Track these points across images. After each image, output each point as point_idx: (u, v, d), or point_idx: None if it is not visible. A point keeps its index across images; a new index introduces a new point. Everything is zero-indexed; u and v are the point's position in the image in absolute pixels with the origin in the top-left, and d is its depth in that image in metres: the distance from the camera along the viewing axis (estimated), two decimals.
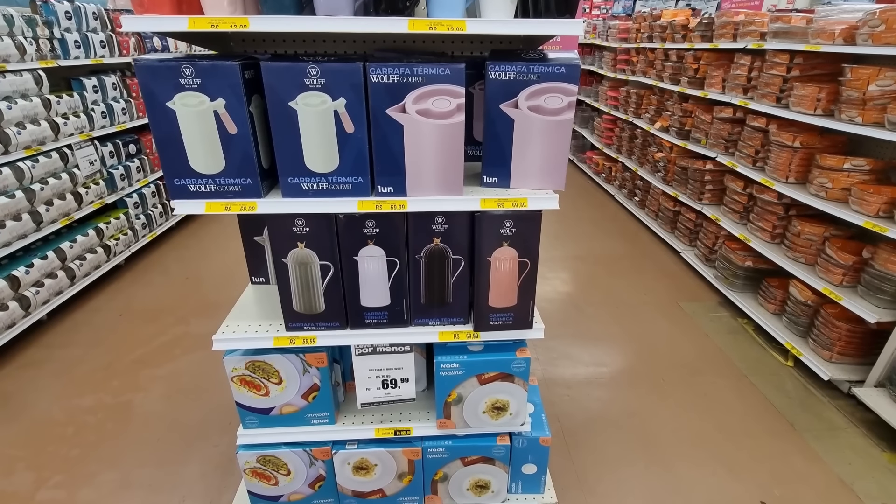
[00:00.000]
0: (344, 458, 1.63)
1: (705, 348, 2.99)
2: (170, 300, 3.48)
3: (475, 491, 1.75)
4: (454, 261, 1.37)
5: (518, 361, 1.50)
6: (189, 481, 2.05)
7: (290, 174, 1.21)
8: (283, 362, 1.49)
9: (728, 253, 3.49)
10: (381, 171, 1.23)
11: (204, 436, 2.28)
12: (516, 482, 1.79)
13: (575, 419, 2.40)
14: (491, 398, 1.55)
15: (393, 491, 1.72)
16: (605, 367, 2.80)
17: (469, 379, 1.51)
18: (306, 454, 1.63)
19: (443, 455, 1.66)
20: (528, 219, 1.31)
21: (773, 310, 3.11)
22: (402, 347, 1.49)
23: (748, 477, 2.09)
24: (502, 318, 1.43)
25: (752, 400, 2.55)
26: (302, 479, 1.67)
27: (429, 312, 1.45)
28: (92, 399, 2.52)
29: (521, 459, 1.73)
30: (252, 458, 1.63)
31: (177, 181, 1.19)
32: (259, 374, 1.51)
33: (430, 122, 1.17)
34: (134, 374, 2.70)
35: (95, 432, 2.31)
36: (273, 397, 1.54)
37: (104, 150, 3.74)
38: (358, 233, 1.31)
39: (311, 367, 1.50)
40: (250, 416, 1.58)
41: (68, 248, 3.29)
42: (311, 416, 1.59)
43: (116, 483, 2.05)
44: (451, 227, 1.32)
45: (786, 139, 2.94)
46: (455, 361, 1.48)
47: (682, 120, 4.19)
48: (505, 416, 1.59)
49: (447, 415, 1.58)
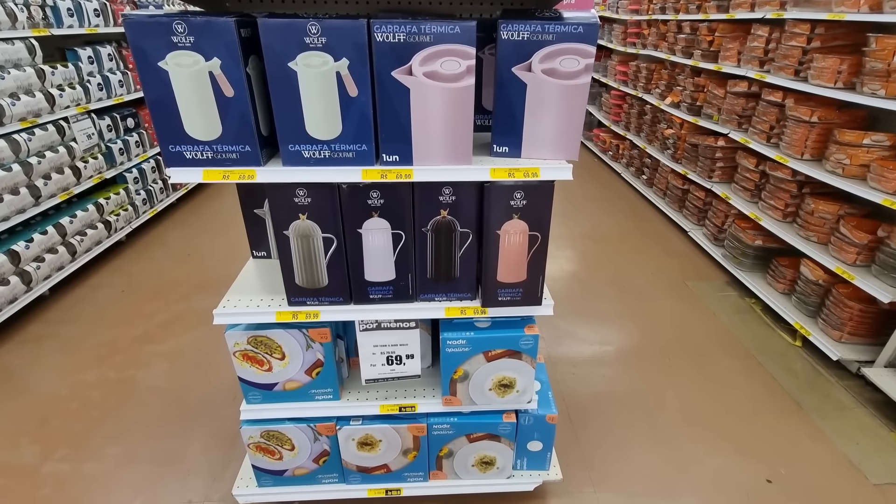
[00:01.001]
0: (348, 433, 1.62)
1: (712, 328, 2.95)
2: (172, 276, 3.46)
3: (480, 467, 1.74)
4: (462, 234, 1.32)
5: (526, 338, 1.47)
6: (193, 455, 2.05)
7: (291, 141, 1.15)
8: (285, 337, 1.46)
9: (738, 232, 3.42)
10: (387, 138, 1.17)
11: (207, 411, 2.27)
12: (521, 459, 1.78)
13: (580, 397, 2.38)
14: (498, 375, 1.52)
15: (398, 466, 1.71)
16: (610, 345, 2.78)
17: (476, 356, 1.48)
18: (310, 430, 1.61)
19: (448, 432, 1.64)
20: (539, 190, 1.25)
21: (782, 289, 3.07)
22: (408, 323, 1.45)
23: (754, 456, 2.08)
24: (511, 294, 1.39)
25: (759, 379, 2.53)
26: (306, 454, 1.66)
27: (435, 288, 1.40)
28: (95, 374, 2.52)
29: (526, 436, 1.71)
30: (256, 434, 1.61)
31: (172, 148, 1.13)
32: (261, 349, 1.48)
33: (438, 86, 1.10)
34: (137, 350, 2.69)
35: (99, 407, 2.31)
36: (276, 373, 1.52)
37: (102, 123, 3.66)
38: (362, 204, 1.25)
39: (314, 342, 1.47)
40: (253, 391, 1.56)
41: (68, 223, 3.25)
42: (314, 391, 1.57)
43: (121, 457, 2.05)
44: (459, 198, 1.27)
45: (803, 114, 2.84)
46: (461, 338, 1.44)
47: (693, 95, 4.06)
48: (511, 394, 1.57)
49: (453, 392, 1.55)
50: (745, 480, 1.97)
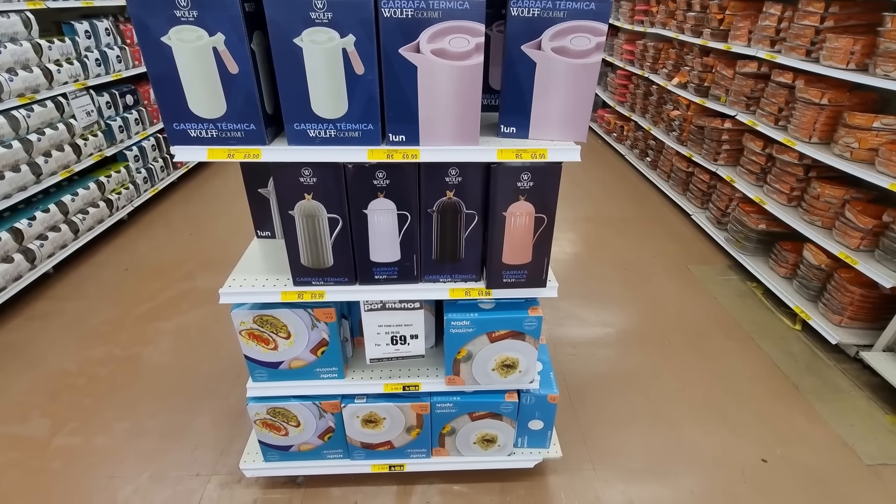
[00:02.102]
0: (353, 411, 1.65)
1: (713, 311, 2.97)
2: (175, 255, 3.46)
3: (482, 444, 1.77)
4: (467, 215, 1.32)
5: (530, 320, 1.48)
6: (200, 431, 2.09)
7: (296, 120, 1.14)
8: (291, 317, 1.47)
9: (741, 215, 3.41)
10: (393, 117, 1.15)
11: (213, 388, 2.31)
12: (522, 437, 1.81)
13: (581, 378, 2.41)
14: (501, 356, 1.54)
15: (401, 443, 1.75)
16: (611, 327, 2.80)
17: (479, 336, 1.49)
18: (315, 407, 1.64)
19: (451, 410, 1.67)
20: (546, 172, 1.24)
21: (784, 273, 3.07)
22: (412, 304, 1.46)
23: (751, 436, 2.12)
24: (515, 276, 1.39)
25: (758, 362, 2.55)
26: (311, 430, 1.70)
27: (440, 269, 1.41)
28: (102, 351, 2.55)
29: (528, 415, 1.74)
30: (262, 410, 1.64)
31: (176, 125, 1.12)
32: (267, 328, 1.49)
33: (446, 64, 1.08)
34: (142, 328, 2.72)
35: (107, 383, 2.35)
36: (282, 351, 1.54)
37: (101, 100, 3.61)
38: (367, 184, 1.25)
39: (319, 322, 1.48)
40: (259, 369, 1.58)
41: (70, 201, 3.24)
42: (319, 370, 1.59)
43: (129, 431, 2.09)
44: (465, 179, 1.26)
45: (813, 96, 2.80)
46: (465, 319, 1.45)
47: (701, 75, 3.99)
48: (514, 374, 1.59)
49: (456, 371, 1.57)
50: (741, 459, 2.01)
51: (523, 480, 1.89)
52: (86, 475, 1.90)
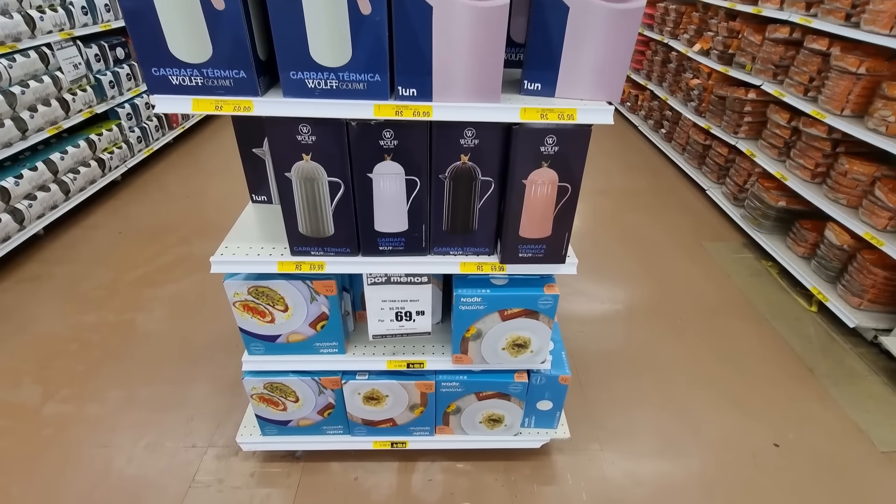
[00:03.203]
0: (354, 388, 1.57)
1: (726, 289, 2.87)
2: (170, 219, 3.34)
3: (488, 424, 1.71)
4: (483, 183, 1.19)
5: (545, 298, 1.37)
6: (196, 401, 2.03)
7: (292, 67, 1.00)
8: (288, 289, 1.37)
9: (760, 191, 3.26)
10: (404, 67, 1.01)
11: (210, 357, 2.24)
12: (530, 417, 1.74)
13: (589, 356, 2.34)
14: (512, 335, 1.45)
15: (404, 421, 1.68)
16: (621, 304, 2.71)
17: (490, 314, 1.39)
18: (315, 383, 1.56)
19: (457, 389, 1.59)
20: (574, 135, 1.11)
21: (802, 253, 2.96)
22: (419, 278, 1.35)
23: (763, 419, 2.06)
24: (533, 251, 1.28)
25: (772, 344, 2.47)
26: (311, 406, 1.62)
27: (450, 241, 1.29)
28: (94, 316, 2.47)
29: (537, 396, 1.67)
30: (259, 385, 1.56)
31: (155, 71, 0.98)
32: (263, 300, 1.39)
33: (466, 4, 0.94)
34: (136, 293, 2.63)
35: (100, 349, 2.27)
36: (279, 325, 1.44)
37: (89, 52, 3.41)
38: (373, 145, 1.12)
39: (318, 295, 1.38)
40: (255, 342, 1.49)
41: (59, 159, 3.09)
42: (319, 345, 1.50)
43: (123, 400, 2.03)
44: (482, 142, 1.13)
45: (850, 64, 2.60)
46: (476, 295, 1.35)
47: (726, 41, 3.76)
48: (525, 354, 1.50)
49: (464, 350, 1.48)
50: (753, 443, 1.96)
51: (528, 460, 1.84)
52: (78, 443, 1.85)
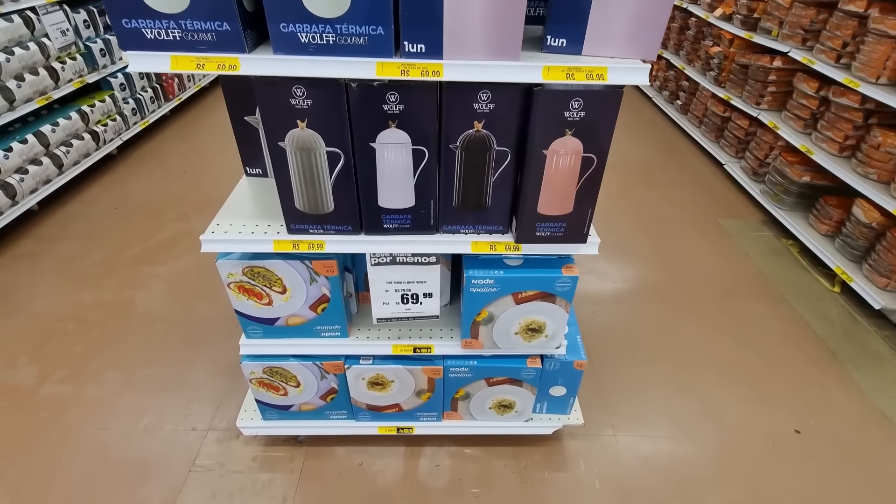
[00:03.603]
0: (358, 373, 1.49)
1: (744, 269, 2.76)
2: (168, 194, 3.24)
3: (498, 410, 1.63)
4: (498, 153, 1.07)
5: (563, 280, 1.27)
6: (196, 383, 1.97)
7: (283, 19, 0.87)
8: (286, 269, 1.27)
9: (783, 166, 3.11)
10: (410, 19, 0.88)
11: (210, 338, 2.17)
12: (542, 402, 1.67)
13: (600, 338, 2.25)
14: (526, 319, 1.35)
15: (410, 406, 1.61)
16: (634, 284, 2.61)
17: (503, 297, 1.29)
18: (317, 367, 1.48)
19: (466, 375, 1.51)
20: (603, 98, 0.98)
21: (825, 231, 2.82)
22: (427, 258, 1.25)
23: (783, 405, 1.98)
24: (552, 229, 1.17)
25: (792, 326, 2.38)
26: (313, 391, 1.55)
27: (461, 218, 1.18)
28: (91, 295, 2.40)
29: (550, 381, 1.59)
30: (258, 369, 1.49)
31: (126, 23, 0.85)
32: (259, 281, 1.30)
33: None
34: (134, 271, 2.55)
35: (97, 329, 2.21)
36: (277, 307, 1.35)
37: (77, 18, 3.24)
38: (376, 110, 1.00)
39: (318, 276, 1.28)
40: (253, 325, 1.41)
41: (50, 132, 2.97)
42: (320, 328, 1.41)
43: (121, 381, 1.97)
44: (498, 107, 1.00)
45: (889, 27, 2.41)
46: (489, 277, 1.25)
47: (750, 5, 3.53)
48: (539, 339, 1.41)
49: (474, 334, 1.39)
50: (772, 429, 1.88)
51: (539, 445, 1.78)
52: (76, 426, 1.80)
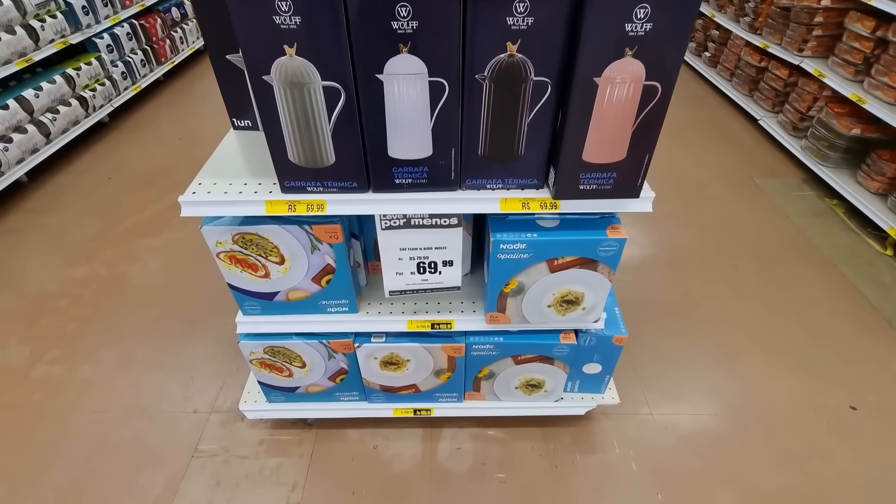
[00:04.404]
0: (369, 352, 1.33)
1: (785, 232, 2.54)
2: (163, 163, 3.06)
3: (525, 389, 1.47)
4: (536, 85, 0.86)
5: (608, 244, 1.08)
6: (197, 361, 1.84)
7: None
8: (283, 236, 1.09)
9: (829, 118, 2.82)
10: None
11: (210, 313, 2.02)
12: (574, 381, 1.51)
13: (632, 308, 2.07)
14: (562, 289, 1.17)
15: (428, 387, 1.45)
16: (666, 249, 2.40)
17: (537, 265, 1.10)
18: (323, 346, 1.32)
19: (491, 353, 1.34)
20: (676, 5, 0.76)
21: (876, 188, 2.57)
22: (448, 220, 1.06)
23: (836, 380, 1.80)
24: (598, 181, 0.97)
25: (842, 292, 2.17)
26: (320, 371, 1.40)
27: (488, 170, 0.98)
28: (84, 270, 2.25)
29: (584, 358, 1.42)
30: (258, 349, 1.33)
31: None
32: (253, 250, 1.12)
33: None
34: (128, 244, 2.40)
35: (91, 306, 2.07)
36: (275, 280, 1.18)
37: None
38: (383, 28, 0.78)
39: (321, 242, 1.10)
40: (249, 301, 1.24)
41: (33, 97, 2.78)
42: (325, 303, 1.24)
43: (117, 360, 1.85)
44: (538, 20, 0.78)
45: None
46: (521, 241, 1.06)
47: None
48: (576, 311, 1.22)
49: (501, 307, 1.21)
50: (826, 406, 1.71)
51: (569, 426, 1.63)
52: (71, 410, 1.68)
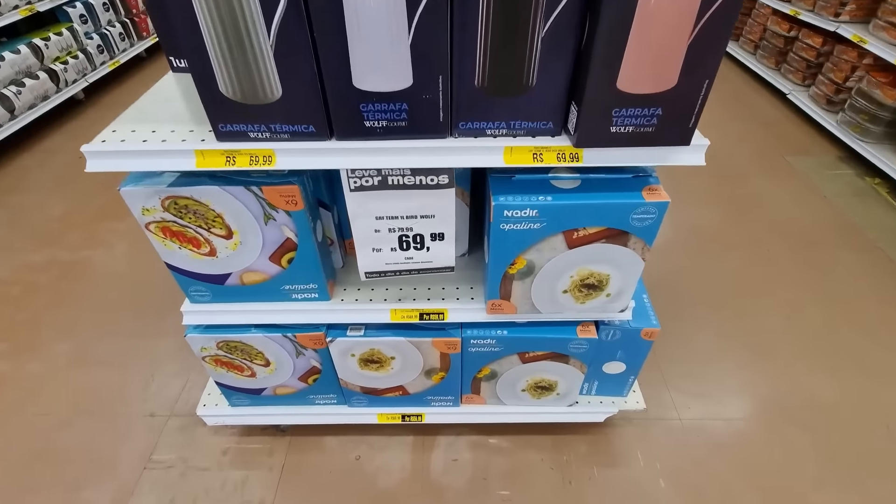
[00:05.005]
0: (345, 347, 1.10)
1: (823, 213, 2.27)
2: None
3: (534, 392, 1.24)
4: None
5: (646, 209, 0.83)
6: (159, 357, 1.62)
7: None
8: (225, 200, 0.85)
9: (871, 88, 2.54)
10: None
11: (177, 304, 1.78)
12: (591, 382, 1.27)
13: (657, 296, 1.81)
14: (583, 269, 0.93)
15: (418, 389, 1.22)
16: (694, 231, 2.15)
17: (551, 237, 0.86)
18: (289, 341, 1.09)
19: (493, 349, 1.10)
20: None
21: None
22: (437, 178, 0.82)
23: (893, 379, 1.55)
24: (637, 120, 0.72)
25: (891, 279, 1.91)
26: (288, 371, 1.17)
27: (488, 109, 0.74)
28: (44, 254, 2.03)
29: (605, 356, 1.18)
30: (210, 344, 1.10)
31: None
32: (190, 219, 0.88)
33: None
34: (94, 227, 2.17)
35: (47, 294, 1.86)
36: (224, 259, 0.95)
37: None
38: None
39: (275, 210, 0.86)
40: (196, 285, 1.01)
41: None
42: (289, 288, 1.01)
43: (70, 355, 1.63)
44: None
45: None
46: (530, 206, 0.82)
47: None
48: (598, 298, 0.98)
49: (505, 293, 0.97)
50: (884, 409, 1.47)
51: (585, 433, 1.40)
52: (12, 411, 1.47)
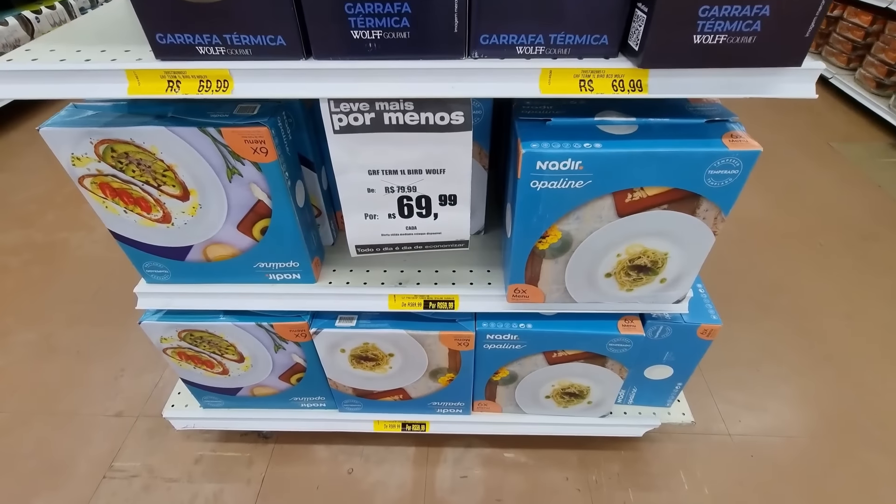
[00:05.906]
0: (333, 341, 0.90)
1: (879, 203, 2.04)
2: None
3: (560, 400, 1.03)
4: None
5: (728, 160, 0.62)
6: (132, 349, 1.44)
7: None
8: (176, 146, 0.66)
9: None
10: None
11: None
12: (629, 389, 1.06)
13: None
14: (635, 245, 0.72)
15: (421, 393, 1.02)
16: (733, 221, 1.92)
17: (597, 200, 0.66)
18: (265, 332, 0.90)
19: (514, 346, 0.90)
20: None
21: None
22: (449, 116, 0.62)
23: None
24: (732, 25, 0.51)
25: None
26: (266, 368, 0.98)
27: (517, 17, 0.53)
28: (18, 235, 1.87)
29: (649, 358, 0.97)
30: (171, 334, 0.91)
31: None
32: (133, 172, 0.69)
33: None
34: (75, 208, 2.01)
35: (16, 278, 1.69)
36: (181, 227, 0.75)
37: None
38: None
39: (240, 160, 0.67)
40: (151, 259, 0.82)
41: None
42: (264, 265, 0.82)
43: (34, 347, 1.46)
44: None
45: None
46: (572, 155, 0.61)
47: None
48: (650, 284, 0.78)
49: (532, 277, 0.77)
50: None
51: (619, 449, 1.19)
52: None
